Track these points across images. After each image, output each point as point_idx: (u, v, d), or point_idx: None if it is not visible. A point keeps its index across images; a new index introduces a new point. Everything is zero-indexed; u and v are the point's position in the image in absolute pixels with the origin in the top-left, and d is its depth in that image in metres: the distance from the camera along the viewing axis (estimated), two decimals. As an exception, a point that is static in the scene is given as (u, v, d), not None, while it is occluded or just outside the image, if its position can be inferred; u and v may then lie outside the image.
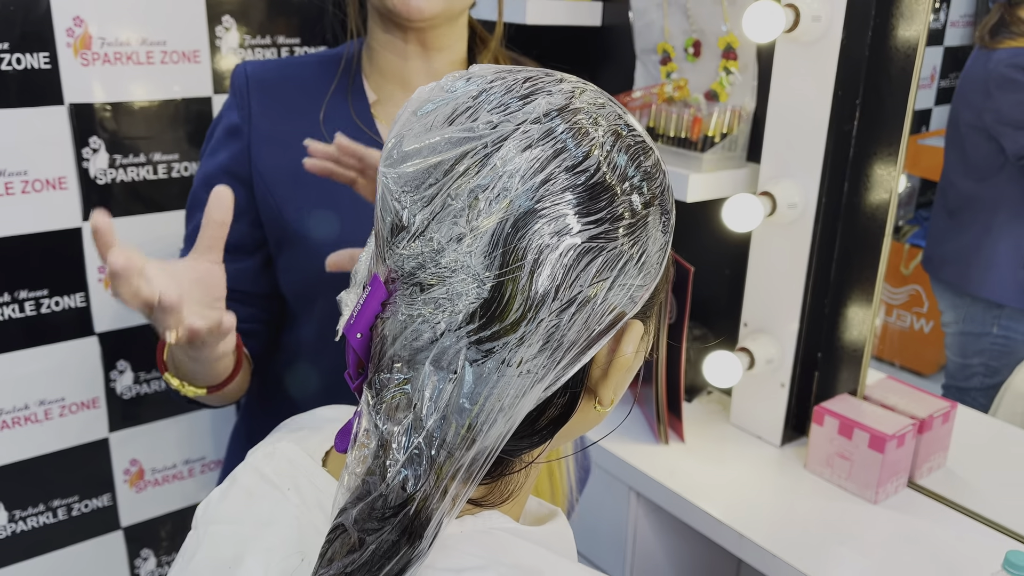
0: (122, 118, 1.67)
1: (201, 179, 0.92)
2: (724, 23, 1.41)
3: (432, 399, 0.45)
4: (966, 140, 1.50)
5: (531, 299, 0.44)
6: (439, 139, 0.45)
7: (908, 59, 1.21)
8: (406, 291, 0.46)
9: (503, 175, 0.44)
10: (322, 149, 0.73)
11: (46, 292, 1.68)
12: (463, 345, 0.45)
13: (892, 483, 1.28)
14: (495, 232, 0.44)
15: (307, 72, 0.92)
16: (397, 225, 0.47)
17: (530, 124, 0.45)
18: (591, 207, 0.44)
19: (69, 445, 1.78)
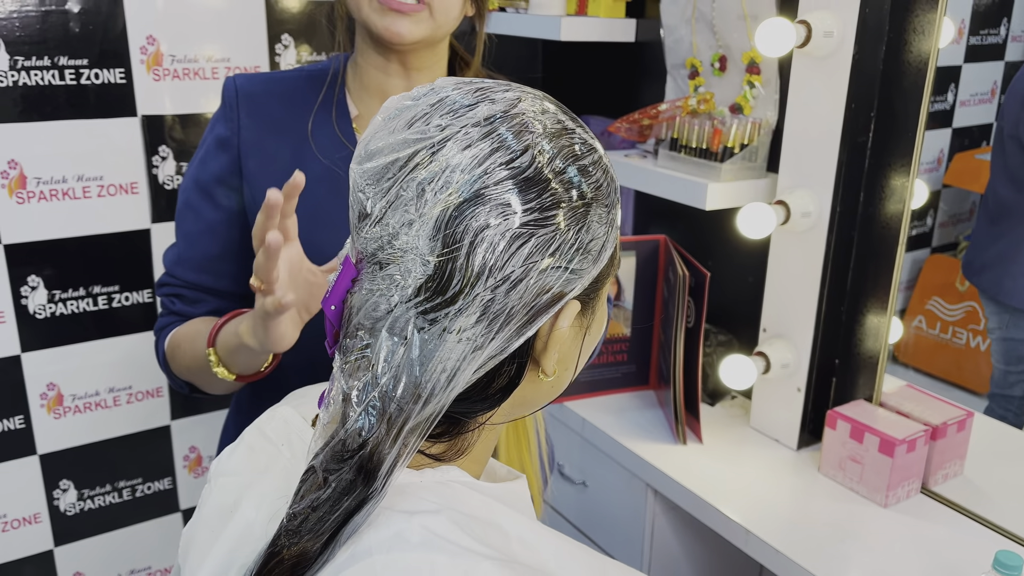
0: (189, 129, 1.81)
1: (192, 185, 0.99)
2: (749, 39, 1.47)
3: (386, 360, 0.53)
4: (1006, 149, 1.51)
5: (467, 276, 0.51)
6: (397, 140, 0.54)
7: (920, 72, 1.24)
8: (369, 269, 0.54)
9: (447, 169, 0.51)
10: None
11: (117, 288, 1.83)
12: (412, 315, 0.52)
13: (903, 488, 1.30)
14: (439, 218, 0.51)
15: (293, 86, 0.98)
16: (362, 213, 0.55)
17: (471, 127, 0.52)
18: (524, 197, 0.52)
19: (134, 431, 1.93)
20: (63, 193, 1.71)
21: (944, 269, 1.75)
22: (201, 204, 0.98)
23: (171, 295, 1.01)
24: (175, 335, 0.98)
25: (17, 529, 1.81)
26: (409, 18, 0.89)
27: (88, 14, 1.64)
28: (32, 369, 1.75)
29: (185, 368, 0.96)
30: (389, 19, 0.88)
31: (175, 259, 1.01)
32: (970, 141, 1.66)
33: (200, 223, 0.98)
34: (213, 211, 0.98)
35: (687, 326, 1.43)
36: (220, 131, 0.97)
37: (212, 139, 0.98)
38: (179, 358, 0.96)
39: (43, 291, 1.74)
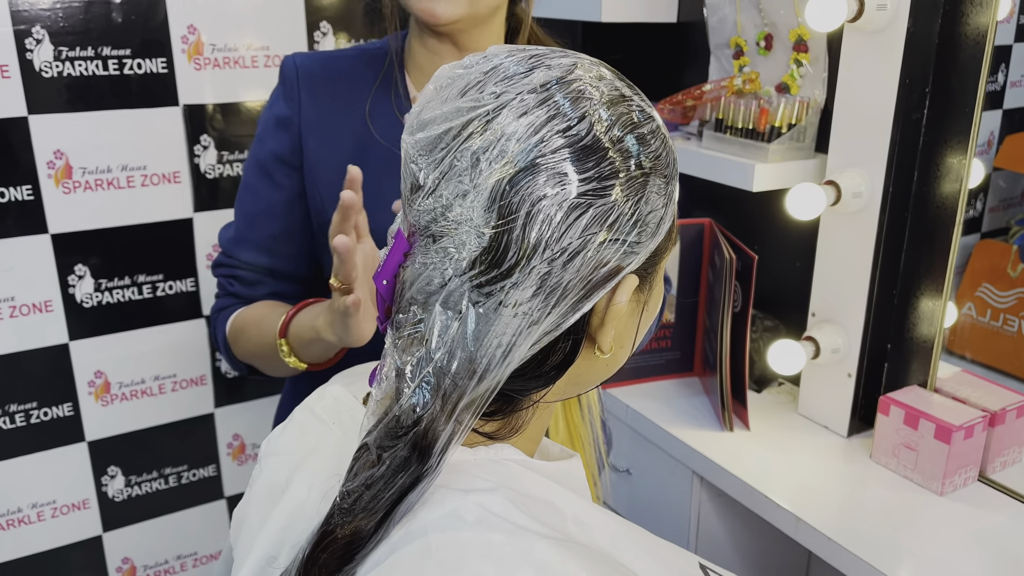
0: (230, 118, 1.82)
1: (253, 165, 0.99)
2: (796, 16, 1.43)
3: (440, 335, 0.52)
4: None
5: (524, 248, 0.50)
6: (451, 109, 0.52)
7: (978, 46, 1.20)
8: (422, 242, 0.53)
9: (501, 138, 0.50)
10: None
11: (161, 276, 1.84)
12: (466, 288, 0.51)
13: (960, 475, 1.26)
14: (494, 189, 0.50)
15: (352, 66, 0.97)
16: (415, 184, 0.53)
17: (527, 93, 0.51)
18: (582, 166, 0.50)
19: (179, 418, 1.95)
20: (108, 183, 1.73)
21: (995, 254, 1.69)
22: (260, 183, 0.97)
23: (228, 276, 1.00)
24: (238, 318, 0.97)
25: (67, 515, 1.84)
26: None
27: (130, 4, 1.65)
28: (80, 357, 1.78)
29: (249, 353, 0.95)
30: (427, 1, 0.87)
31: (233, 239, 1.00)
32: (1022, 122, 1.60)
33: (260, 203, 0.98)
34: (273, 191, 0.97)
35: (734, 311, 1.40)
36: (280, 110, 0.96)
37: (271, 118, 0.97)
38: (242, 343, 0.95)
39: (90, 280, 1.76)
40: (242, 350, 0.97)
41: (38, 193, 1.65)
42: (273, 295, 0.98)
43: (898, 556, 1.12)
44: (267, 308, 0.96)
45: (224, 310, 1.00)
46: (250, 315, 0.97)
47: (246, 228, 0.99)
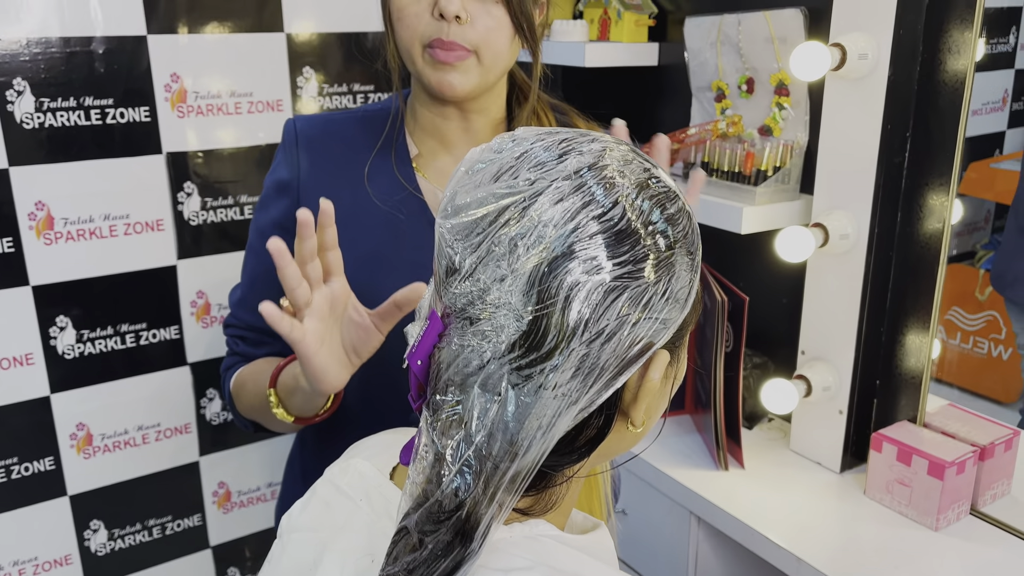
0: (213, 164, 1.81)
1: (255, 231, 1.00)
2: (777, 61, 1.46)
3: (479, 418, 0.52)
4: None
5: (563, 331, 0.50)
6: (485, 194, 0.53)
7: (957, 92, 1.24)
8: (458, 324, 0.54)
9: (538, 224, 0.51)
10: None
11: (144, 325, 1.82)
12: (506, 371, 0.52)
13: (953, 510, 1.29)
14: (532, 273, 0.51)
15: (352, 128, 0.98)
16: (451, 268, 0.54)
17: (562, 180, 0.52)
18: (617, 250, 0.51)
19: (163, 468, 1.91)
20: (90, 233, 1.71)
21: (962, 279, 1.74)
22: (262, 248, 0.97)
23: (235, 336, 1.02)
24: (240, 375, 0.98)
25: (48, 572, 1.80)
26: (458, 70, 0.88)
27: (113, 54, 1.64)
28: (62, 410, 1.74)
29: (248, 407, 0.96)
30: (440, 74, 0.88)
31: (238, 301, 1.02)
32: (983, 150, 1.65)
33: (260, 267, 0.98)
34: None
35: (726, 351, 1.42)
36: (280, 174, 0.97)
37: (273, 183, 0.98)
38: (243, 397, 0.96)
39: (71, 331, 1.74)
40: (243, 405, 0.97)
41: (19, 245, 1.62)
42: (276, 355, 0.99)
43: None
44: (267, 363, 0.96)
45: (231, 368, 1.01)
46: (250, 371, 0.98)
47: (249, 291, 1.00)
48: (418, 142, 0.98)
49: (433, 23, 0.87)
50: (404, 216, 0.94)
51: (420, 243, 0.93)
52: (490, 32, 0.88)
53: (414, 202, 0.95)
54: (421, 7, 0.87)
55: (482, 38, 0.88)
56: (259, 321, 0.98)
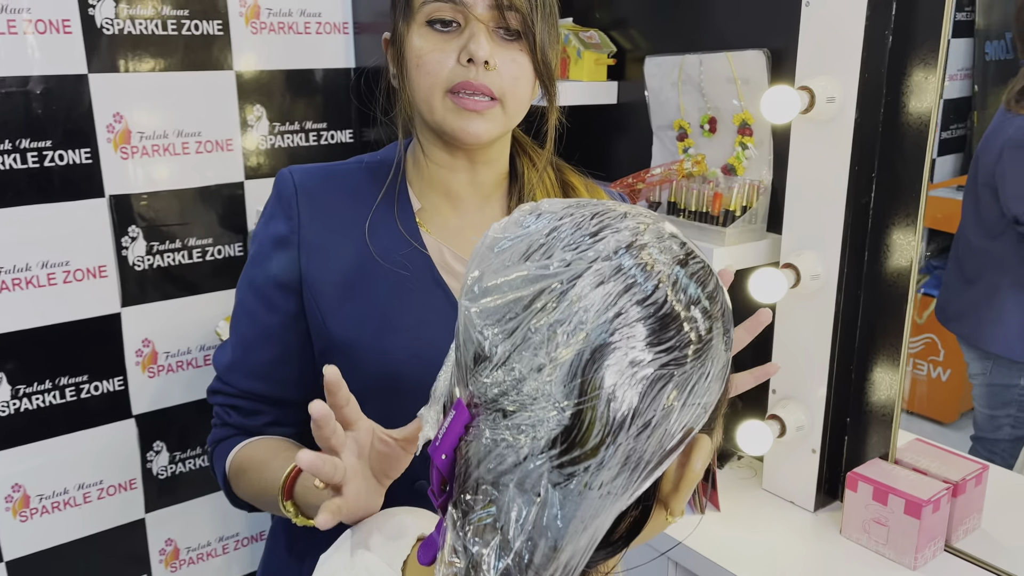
0: (159, 207, 1.73)
1: (248, 287, 0.93)
2: (739, 100, 1.47)
3: (518, 521, 0.48)
4: (980, 197, 1.53)
5: (609, 425, 0.47)
6: (517, 276, 0.50)
7: (921, 133, 1.26)
8: (489, 416, 0.50)
9: (578, 310, 0.47)
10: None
11: (86, 377, 1.72)
12: (545, 469, 0.48)
13: (930, 548, 1.29)
14: (573, 363, 0.47)
15: (353, 180, 0.93)
16: (480, 354, 0.50)
17: (601, 262, 0.49)
18: (661, 336, 0.48)
19: (106, 527, 1.80)
20: (27, 282, 1.61)
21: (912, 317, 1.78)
22: (257, 307, 0.91)
23: (226, 405, 0.93)
24: (239, 458, 0.89)
25: (-18, 647, 1.67)
26: (483, 117, 0.85)
27: (51, 94, 1.56)
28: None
29: (251, 496, 0.88)
30: (465, 121, 0.85)
31: (229, 365, 0.93)
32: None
33: (256, 327, 0.91)
34: (270, 314, 0.91)
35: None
36: (279, 228, 0.90)
37: (268, 237, 0.91)
38: (245, 486, 0.88)
39: (6, 387, 1.63)
40: (245, 492, 0.90)
41: (-51, 298, 1.52)
42: (273, 425, 0.92)
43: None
44: (270, 451, 0.88)
45: (223, 442, 0.93)
46: (252, 456, 0.89)
47: (242, 354, 0.92)
48: (421, 196, 0.94)
49: (458, 69, 0.83)
50: (409, 273, 0.90)
51: (427, 301, 0.89)
52: (516, 80, 0.85)
53: (419, 258, 0.90)
54: (446, 52, 0.83)
55: (508, 86, 0.85)
56: (256, 387, 0.92)
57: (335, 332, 0.87)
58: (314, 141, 1.92)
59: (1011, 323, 1.53)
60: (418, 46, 0.85)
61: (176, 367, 1.82)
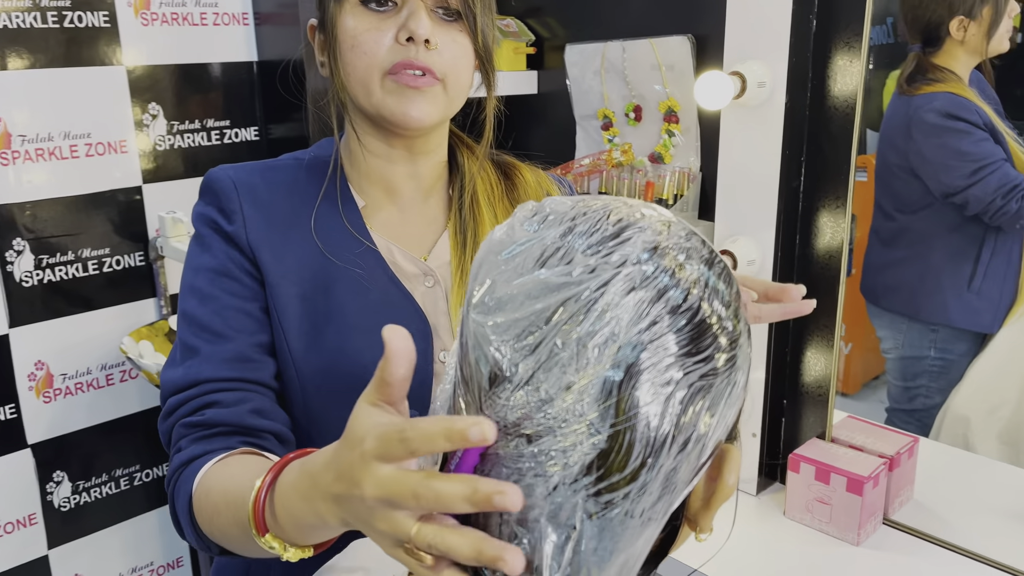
0: (46, 216, 1.58)
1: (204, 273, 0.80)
2: (664, 88, 1.46)
3: (554, 558, 0.44)
4: (895, 179, 1.58)
5: (650, 446, 0.43)
6: (535, 285, 0.45)
7: (847, 116, 1.27)
8: (510, 442, 0.45)
9: (610, 321, 0.43)
10: None
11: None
12: (580, 499, 0.43)
13: (871, 523, 1.32)
14: (607, 380, 0.43)
15: (291, 177, 0.87)
16: (497, 374, 0.45)
17: (630, 266, 0.44)
18: (698, 346, 0.44)
19: (5, 568, 1.65)
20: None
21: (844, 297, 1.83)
22: (222, 288, 0.80)
23: (198, 408, 0.76)
24: (206, 478, 0.70)
25: None
26: (425, 97, 0.80)
27: (-83, 95, 1.40)
28: None
29: (220, 533, 0.68)
30: (407, 102, 0.79)
31: (196, 364, 0.78)
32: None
33: (222, 312, 0.79)
34: (242, 289, 0.81)
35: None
36: (221, 223, 0.82)
37: (212, 235, 0.82)
38: (210, 514, 0.69)
39: None
40: (210, 524, 0.69)
41: None
42: (257, 413, 0.77)
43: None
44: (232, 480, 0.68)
45: (191, 464, 0.73)
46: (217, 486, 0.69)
47: (211, 344, 0.79)
48: (361, 192, 0.88)
49: (397, 48, 0.79)
50: (364, 272, 0.83)
51: (386, 300, 0.83)
52: (457, 61, 0.81)
53: (371, 257, 0.84)
54: (383, 32, 0.79)
55: (450, 66, 0.80)
56: (235, 371, 0.77)
57: (296, 334, 0.80)
58: (217, 140, 1.80)
59: (948, 291, 1.58)
60: (352, 26, 0.80)
61: (75, 389, 1.67)
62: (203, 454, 0.73)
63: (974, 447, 1.68)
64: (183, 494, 0.72)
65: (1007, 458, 1.67)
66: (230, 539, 0.67)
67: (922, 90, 1.53)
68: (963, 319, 1.67)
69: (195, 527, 0.71)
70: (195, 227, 0.85)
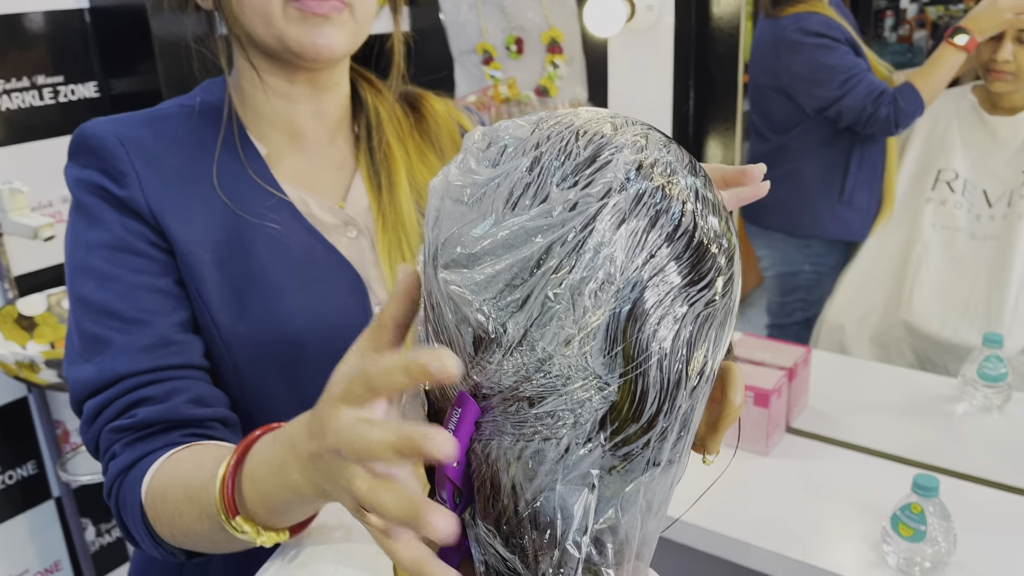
0: None
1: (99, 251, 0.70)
2: (546, 18, 1.41)
3: (578, 529, 0.40)
4: (767, 100, 1.61)
5: (665, 389, 0.40)
6: (509, 231, 0.40)
7: (732, 37, 1.28)
8: (509, 408, 0.40)
9: (603, 261, 0.39)
10: None
11: None
12: (596, 456, 0.40)
13: (776, 433, 1.37)
14: (610, 326, 0.39)
15: (179, 127, 0.77)
16: (483, 337, 0.40)
17: (616, 194, 0.40)
18: (699, 272, 0.41)
19: None
20: None
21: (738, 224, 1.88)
22: (124, 270, 0.70)
23: (126, 408, 0.68)
24: (158, 477, 0.64)
25: None
26: (333, 24, 0.72)
27: None
28: None
29: (184, 533, 0.62)
30: (314, 31, 0.71)
31: (108, 361, 0.68)
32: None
33: (135, 290, 0.69)
34: (148, 264, 0.71)
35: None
36: (113, 193, 0.71)
37: (100, 204, 0.71)
38: (178, 521, 0.62)
39: None
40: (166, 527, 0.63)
41: None
42: (195, 402, 0.69)
43: (765, 527, 1.18)
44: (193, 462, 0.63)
45: (132, 469, 0.66)
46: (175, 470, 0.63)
47: (123, 332, 0.69)
48: (262, 138, 0.79)
49: None
50: (280, 227, 0.75)
51: (309, 256, 0.75)
52: None
53: (285, 209, 0.76)
54: None
55: None
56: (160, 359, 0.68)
57: (218, 305, 0.72)
58: (51, 98, 1.60)
59: (821, 204, 1.65)
60: None
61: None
62: (144, 456, 0.66)
63: (850, 351, 1.78)
64: (131, 503, 0.65)
65: (879, 358, 1.79)
66: (197, 537, 0.61)
67: (787, 11, 1.56)
68: (836, 230, 1.76)
69: (152, 535, 0.64)
70: (74, 196, 0.73)
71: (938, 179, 1.73)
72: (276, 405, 0.74)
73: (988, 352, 1.43)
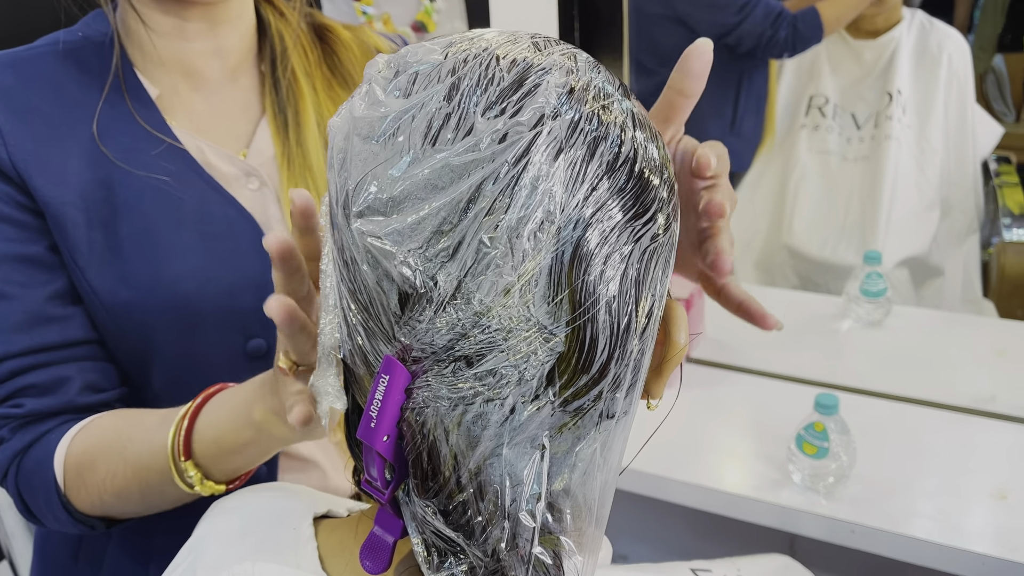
0: None
1: None
2: (418, -53, 1.33)
3: (529, 496, 0.36)
4: (656, 29, 1.58)
5: (616, 335, 0.36)
6: (433, 171, 0.35)
7: (615, -38, 1.24)
8: (444, 370, 0.36)
9: (542, 198, 0.35)
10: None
11: None
12: (546, 414, 0.36)
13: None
14: (552, 270, 0.35)
15: (51, 69, 0.67)
16: (410, 293, 0.36)
17: (549, 122, 0.36)
18: (643, 204, 0.37)
19: None
20: None
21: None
22: None
23: (10, 396, 0.64)
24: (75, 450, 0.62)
25: None
26: None
27: None
28: None
29: (115, 494, 0.62)
30: None
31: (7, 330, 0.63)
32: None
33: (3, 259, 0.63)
34: (14, 233, 0.64)
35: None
36: None
37: None
38: (111, 482, 0.62)
39: None
40: (95, 494, 0.63)
41: None
42: (88, 388, 0.65)
43: (674, 459, 1.20)
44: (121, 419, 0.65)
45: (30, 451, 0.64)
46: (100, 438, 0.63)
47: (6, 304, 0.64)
48: (153, 79, 0.70)
49: None
50: (171, 178, 0.67)
51: (204, 209, 0.68)
52: None
53: (177, 157, 0.68)
54: None
55: None
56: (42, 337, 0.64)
57: (97, 270, 0.65)
58: None
59: (713, 137, 1.65)
60: None
61: None
62: (39, 437, 0.64)
63: (736, 278, 1.82)
64: (41, 482, 0.63)
65: (763, 282, 1.84)
66: (128, 495, 0.63)
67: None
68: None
69: (68, 509, 0.64)
70: None
71: (811, 105, 1.77)
72: (173, 373, 0.68)
73: (868, 269, 1.48)
